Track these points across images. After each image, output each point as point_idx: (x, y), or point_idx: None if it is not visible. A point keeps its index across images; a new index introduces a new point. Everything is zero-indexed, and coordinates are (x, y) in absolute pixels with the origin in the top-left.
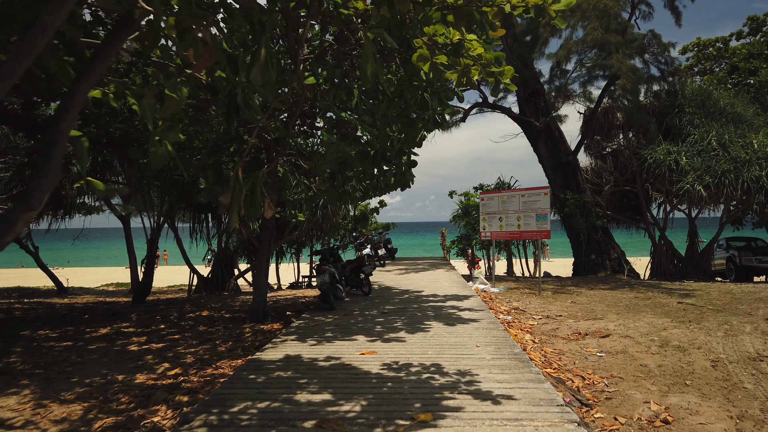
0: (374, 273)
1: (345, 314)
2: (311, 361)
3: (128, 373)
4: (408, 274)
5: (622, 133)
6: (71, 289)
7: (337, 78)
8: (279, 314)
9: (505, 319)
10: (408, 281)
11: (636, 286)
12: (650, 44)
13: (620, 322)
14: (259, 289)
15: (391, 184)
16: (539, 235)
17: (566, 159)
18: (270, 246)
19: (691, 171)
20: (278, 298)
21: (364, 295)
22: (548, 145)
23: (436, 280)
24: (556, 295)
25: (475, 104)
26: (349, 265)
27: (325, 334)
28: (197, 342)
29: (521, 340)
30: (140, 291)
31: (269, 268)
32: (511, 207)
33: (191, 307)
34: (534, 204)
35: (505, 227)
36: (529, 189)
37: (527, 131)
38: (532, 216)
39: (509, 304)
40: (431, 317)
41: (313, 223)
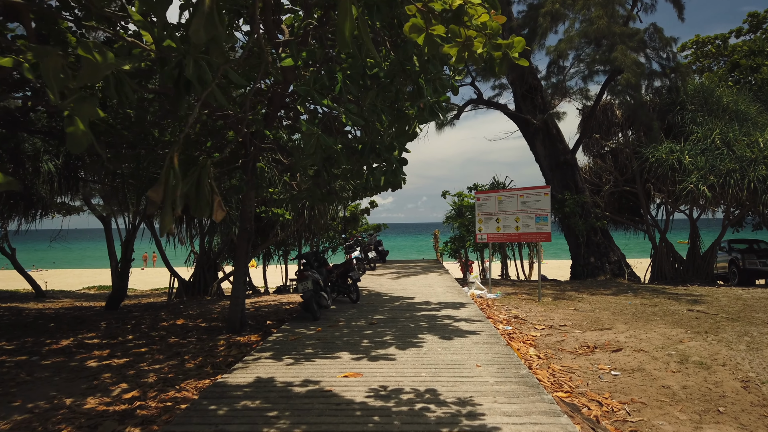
0: (365, 276)
1: (329, 325)
2: (285, 387)
3: (79, 395)
4: (399, 279)
5: (622, 131)
6: (50, 292)
7: (319, 60)
8: (259, 323)
9: (505, 330)
10: (399, 286)
11: (639, 291)
12: (652, 39)
13: (630, 332)
14: (236, 297)
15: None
16: (539, 238)
17: (564, 158)
18: (248, 249)
19: (695, 170)
20: (261, 304)
21: (351, 303)
22: (546, 143)
23: (430, 285)
24: (557, 301)
25: (469, 101)
26: (335, 270)
27: (305, 351)
28: (164, 357)
29: (525, 355)
30: (114, 296)
31: (247, 274)
32: (509, 207)
33: (167, 314)
34: (533, 204)
35: (502, 229)
36: (528, 188)
37: (524, 129)
38: (532, 217)
39: (508, 312)
40: (425, 329)
41: (300, 224)
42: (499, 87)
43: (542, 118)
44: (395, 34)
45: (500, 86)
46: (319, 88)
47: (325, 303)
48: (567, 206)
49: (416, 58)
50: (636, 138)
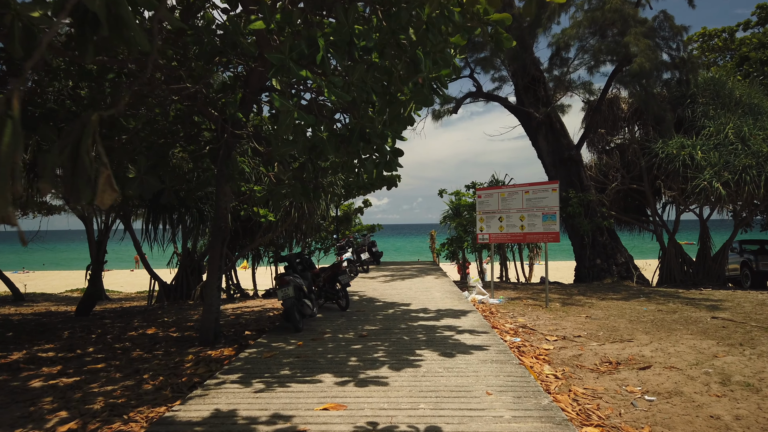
0: (357, 280)
1: (313, 338)
2: (248, 425)
3: (6, 427)
4: (394, 282)
5: (628, 126)
6: (31, 295)
7: (296, 24)
8: (237, 333)
9: (513, 342)
10: (394, 291)
11: (652, 295)
12: (662, 27)
13: (655, 345)
14: (209, 305)
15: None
16: (546, 238)
17: (569, 154)
18: (223, 251)
19: (708, 167)
20: (244, 310)
21: (340, 310)
22: (549, 138)
23: (427, 290)
24: (565, 307)
25: (468, 93)
26: (323, 274)
27: (281, 371)
28: (121, 375)
29: (540, 374)
30: (85, 302)
31: (221, 279)
32: (514, 205)
33: (140, 321)
34: (540, 202)
35: (505, 228)
36: (534, 184)
37: (525, 123)
38: (538, 215)
39: (514, 321)
40: (423, 343)
41: (289, 224)
42: (499, 80)
43: (545, 112)
44: (387, 2)
45: (500, 79)
46: (296, 56)
47: (309, 311)
48: (571, 205)
49: (413, 30)
50: (644, 133)
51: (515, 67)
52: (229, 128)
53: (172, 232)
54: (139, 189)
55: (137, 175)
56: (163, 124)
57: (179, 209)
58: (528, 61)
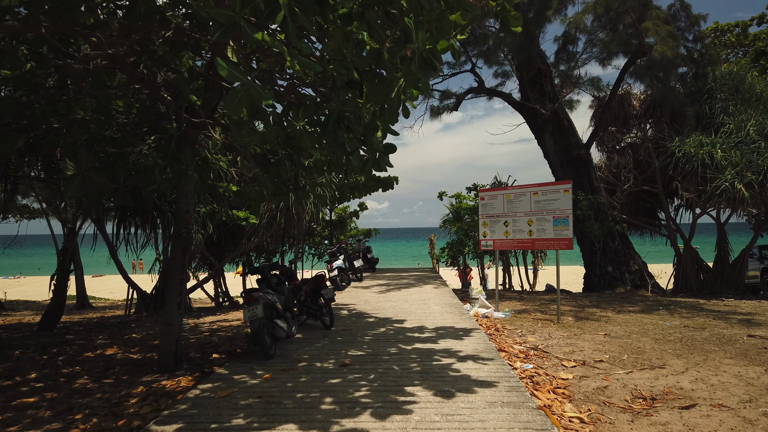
0: (348, 290)
1: (284, 368)
2: None
3: None
4: (389, 293)
5: (640, 123)
6: (13, 303)
7: None
8: (204, 356)
9: (525, 369)
10: (388, 304)
11: (672, 307)
12: (677, 17)
13: (693, 373)
14: (169, 325)
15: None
16: (558, 245)
17: (577, 153)
18: (185, 261)
19: (729, 166)
20: (222, 324)
21: (324, 328)
22: (555, 136)
23: (424, 302)
24: (580, 323)
25: (469, 89)
26: (304, 287)
27: (232, 420)
28: (51, 414)
29: (561, 416)
30: (48, 315)
31: (183, 293)
32: (521, 208)
33: (105, 337)
34: (551, 204)
35: (512, 234)
36: (544, 185)
37: (531, 121)
38: (549, 220)
39: (523, 340)
40: (417, 375)
41: (275, 228)
42: (502, 75)
43: (552, 108)
44: None
45: (503, 74)
46: (249, 14)
47: (283, 334)
48: (580, 208)
49: None
50: (657, 131)
51: (520, 60)
52: (186, 115)
53: (146, 237)
54: (80, 189)
55: (77, 173)
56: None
57: (152, 212)
58: (534, 53)
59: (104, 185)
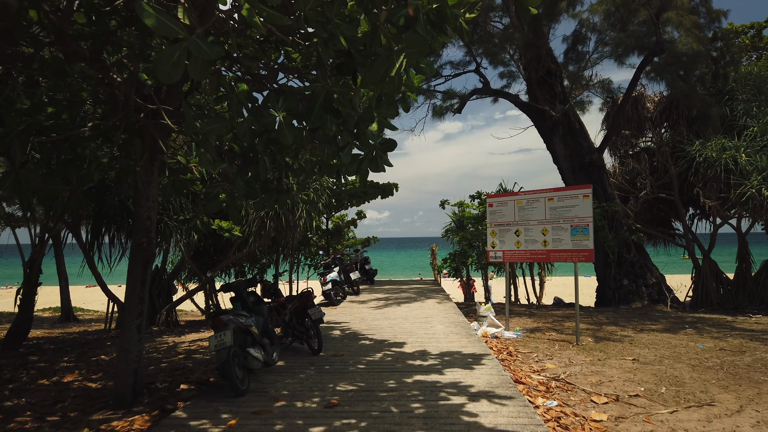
0: (343, 305)
1: (256, 410)
2: None
3: None
4: (388, 308)
5: (655, 127)
6: None
7: None
8: (172, 385)
9: (548, 407)
10: (386, 322)
11: (699, 325)
12: (695, 11)
13: (750, 412)
14: (126, 352)
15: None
16: (577, 257)
17: (590, 158)
18: (146, 276)
19: (755, 171)
20: (202, 344)
21: (311, 353)
22: (566, 140)
23: (427, 320)
24: (601, 344)
25: (474, 90)
26: (289, 305)
27: None
28: None
29: None
30: (13, 333)
31: (143, 315)
32: (534, 215)
33: (69, 360)
34: (568, 211)
35: (524, 244)
36: (560, 190)
37: (539, 124)
38: (566, 229)
39: (541, 366)
40: (419, 423)
41: (264, 238)
42: (508, 76)
43: (562, 109)
44: None
45: (509, 75)
46: None
47: (258, 364)
48: (593, 216)
49: None
50: (673, 134)
51: (528, 59)
52: (135, 97)
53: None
54: (13, 189)
55: (10, 170)
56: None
57: (128, 219)
58: (543, 51)
59: (38, 185)
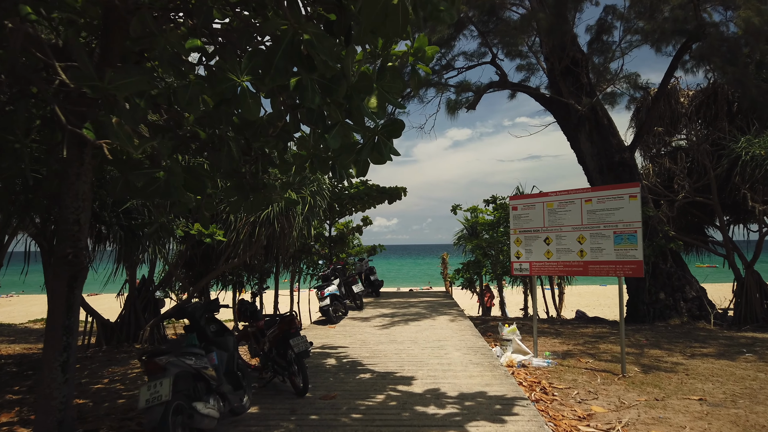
0: (343, 323)
1: None
2: None
3: None
4: (394, 327)
5: (689, 123)
6: None
7: None
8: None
9: None
10: (391, 346)
11: (758, 348)
12: None
13: None
14: (47, 399)
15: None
16: (622, 270)
17: (620, 157)
18: (73, 299)
19: None
20: None
21: (295, 394)
22: (593, 137)
23: (440, 344)
24: (651, 375)
25: (490, 84)
26: (268, 332)
27: None
28: None
29: None
30: None
31: (71, 348)
32: (568, 220)
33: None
34: (610, 215)
35: (555, 254)
36: (600, 189)
37: (562, 119)
38: (608, 236)
39: (587, 410)
40: None
41: (256, 246)
42: (526, 69)
43: (589, 103)
44: None
45: (528, 68)
46: None
47: (212, 422)
48: None
49: None
50: (716, 129)
51: (551, 46)
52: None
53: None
54: None
55: None
56: None
57: (95, 224)
58: (567, 38)
59: None
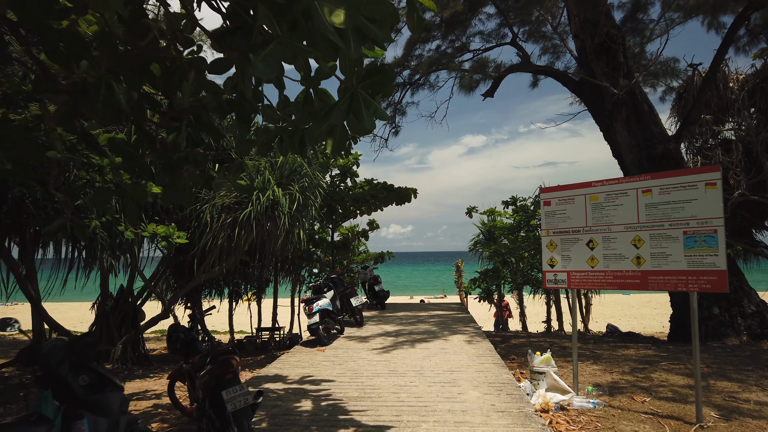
0: (335, 345)
1: None
2: None
3: None
4: (397, 351)
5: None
6: None
7: None
8: None
9: None
10: (389, 381)
11: None
12: None
13: None
14: None
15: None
16: (697, 283)
17: (663, 148)
18: None
19: None
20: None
21: None
22: (632, 126)
23: (453, 378)
24: (737, 425)
25: (511, 66)
26: (199, 380)
27: None
28: None
29: None
30: None
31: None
32: (620, 217)
33: None
34: (680, 209)
35: (603, 262)
36: (664, 175)
37: (594, 106)
38: (675, 237)
39: None
40: None
41: (237, 251)
42: (552, 51)
43: (627, 86)
44: None
45: (552, 50)
46: None
47: None
48: None
49: None
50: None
51: (580, 22)
52: None
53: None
54: None
55: None
56: None
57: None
58: (601, 10)
59: None
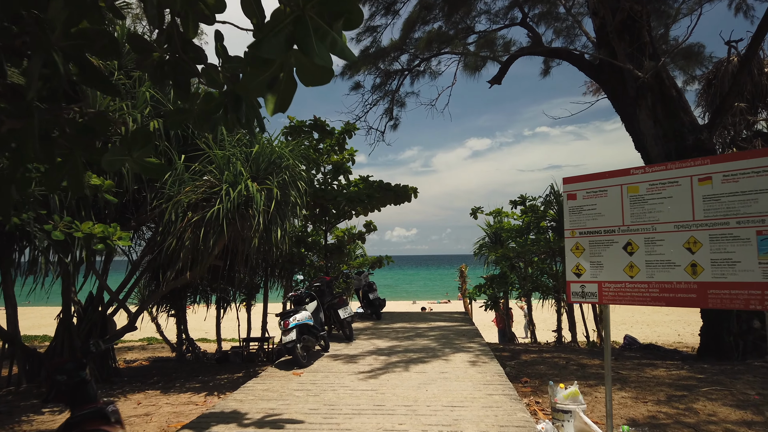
0: (316, 366)
1: None
2: None
3: None
4: (385, 376)
5: None
6: None
7: None
8: None
9: None
10: (373, 422)
11: None
12: None
13: None
14: None
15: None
16: None
17: (695, 138)
18: None
19: None
20: None
21: None
22: (657, 114)
23: (454, 417)
24: None
25: (520, 50)
26: None
27: None
28: None
29: None
30: None
31: None
32: (667, 213)
33: None
34: (751, 202)
35: (645, 270)
36: (727, 159)
37: (615, 92)
38: (745, 239)
39: None
40: None
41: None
42: (565, 33)
43: (653, 68)
44: None
45: (567, 32)
46: None
47: None
48: None
49: None
50: None
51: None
52: None
53: None
54: None
55: None
56: None
57: None
58: None
59: None
